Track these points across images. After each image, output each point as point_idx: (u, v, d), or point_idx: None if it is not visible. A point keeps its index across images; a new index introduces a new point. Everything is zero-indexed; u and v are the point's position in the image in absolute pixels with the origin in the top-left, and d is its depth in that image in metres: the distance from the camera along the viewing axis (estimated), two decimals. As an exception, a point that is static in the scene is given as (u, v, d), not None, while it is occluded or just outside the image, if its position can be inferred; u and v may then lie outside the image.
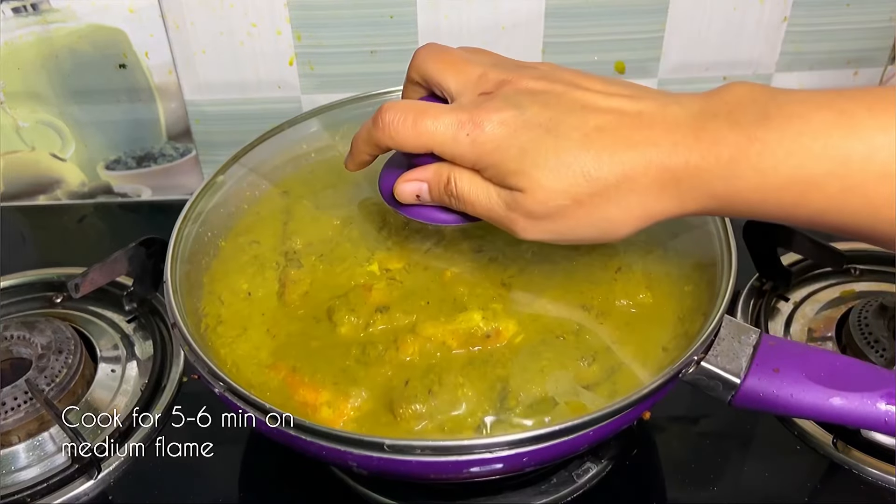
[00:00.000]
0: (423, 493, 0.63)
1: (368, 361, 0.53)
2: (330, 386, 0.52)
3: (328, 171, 0.69)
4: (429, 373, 0.52)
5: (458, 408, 0.51)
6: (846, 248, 0.74)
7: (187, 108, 0.90)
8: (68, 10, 0.82)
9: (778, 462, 0.64)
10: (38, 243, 0.94)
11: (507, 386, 0.52)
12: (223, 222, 0.65)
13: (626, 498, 0.62)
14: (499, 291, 0.57)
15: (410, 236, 0.61)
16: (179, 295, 0.57)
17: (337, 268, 0.60)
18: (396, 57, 0.87)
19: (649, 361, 0.54)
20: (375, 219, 0.63)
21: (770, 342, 0.54)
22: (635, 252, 0.60)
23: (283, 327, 0.57)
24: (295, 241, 0.63)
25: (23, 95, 0.88)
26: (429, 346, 0.54)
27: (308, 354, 0.55)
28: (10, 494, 0.61)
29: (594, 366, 0.53)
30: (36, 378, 0.66)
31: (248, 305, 0.59)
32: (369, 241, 0.62)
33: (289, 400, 0.53)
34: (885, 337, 0.68)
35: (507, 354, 0.53)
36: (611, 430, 0.49)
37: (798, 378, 0.51)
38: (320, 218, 0.65)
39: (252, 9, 0.83)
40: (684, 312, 0.57)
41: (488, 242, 0.60)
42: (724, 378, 0.52)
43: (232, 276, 0.61)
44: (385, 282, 0.58)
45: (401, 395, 0.51)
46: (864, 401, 0.50)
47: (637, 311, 0.57)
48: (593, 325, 0.56)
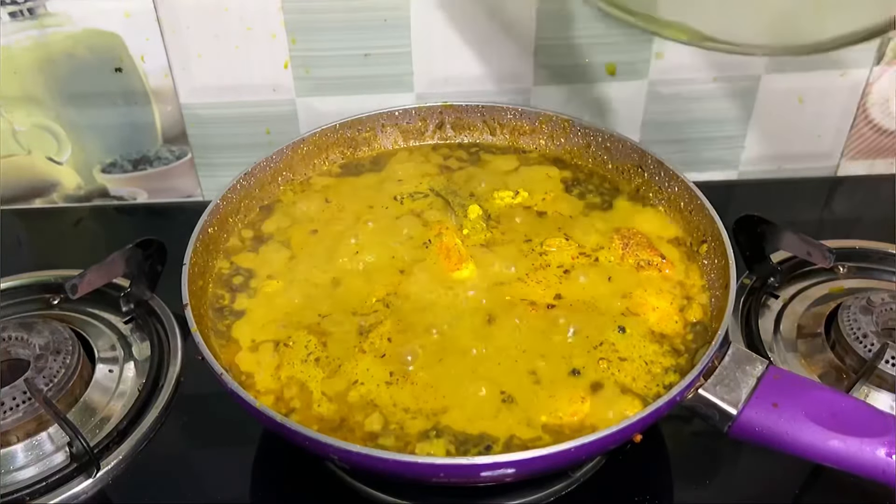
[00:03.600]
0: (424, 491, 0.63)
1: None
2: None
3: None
4: None
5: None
6: (835, 246, 0.75)
7: (183, 111, 0.91)
8: (65, 14, 0.83)
9: (771, 458, 0.64)
10: (35, 246, 0.95)
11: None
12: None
13: (619, 493, 0.63)
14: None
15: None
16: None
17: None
18: (390, 60, 0.88)
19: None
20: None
21: (775, 375, 0.53)
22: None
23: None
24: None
25: (19, 99, 0.88)
26: None
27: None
28: (8, 494, 0.61)
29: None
30: (34, 378, 0.67)
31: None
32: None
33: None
34: (873, 332, 0.69)
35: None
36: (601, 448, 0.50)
37: (796, 415, 0.50)
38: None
39: (247, 13, 0.84)
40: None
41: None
42: (721, 408, 0.52)
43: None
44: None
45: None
46: (863, 447, 0.49)
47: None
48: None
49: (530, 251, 0.69)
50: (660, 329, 0.61)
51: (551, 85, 0.92)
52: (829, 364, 0.71)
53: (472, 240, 0.70)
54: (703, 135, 0.97)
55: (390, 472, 0.51)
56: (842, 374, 0.70)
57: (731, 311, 0.57)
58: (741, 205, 0.93)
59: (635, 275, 0.66)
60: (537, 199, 0.75)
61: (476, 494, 0.63)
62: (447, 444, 0.53)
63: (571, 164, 0.80)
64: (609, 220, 0.72)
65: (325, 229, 0.72)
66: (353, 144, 0.81)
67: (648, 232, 0.70)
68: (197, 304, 0.62)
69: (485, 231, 0.71)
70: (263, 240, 0.71)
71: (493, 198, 0.74)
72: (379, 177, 0.79)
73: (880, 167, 1.02)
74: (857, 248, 0.84)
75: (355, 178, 0.79)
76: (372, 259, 0.68)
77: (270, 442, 0.64)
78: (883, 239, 0.84)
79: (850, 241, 0.84)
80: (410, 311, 0.62)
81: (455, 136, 0.83)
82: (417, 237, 0.70)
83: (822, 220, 0.97)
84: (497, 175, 0.78)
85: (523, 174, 0.78)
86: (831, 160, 1.01)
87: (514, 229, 0.71)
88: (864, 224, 0.94)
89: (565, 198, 0.75)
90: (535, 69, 0.90)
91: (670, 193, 0.72)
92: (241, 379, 0.58)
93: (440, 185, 0.77)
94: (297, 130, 0.92)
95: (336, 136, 0.80)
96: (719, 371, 0.53)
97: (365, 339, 0.60)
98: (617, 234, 0.70)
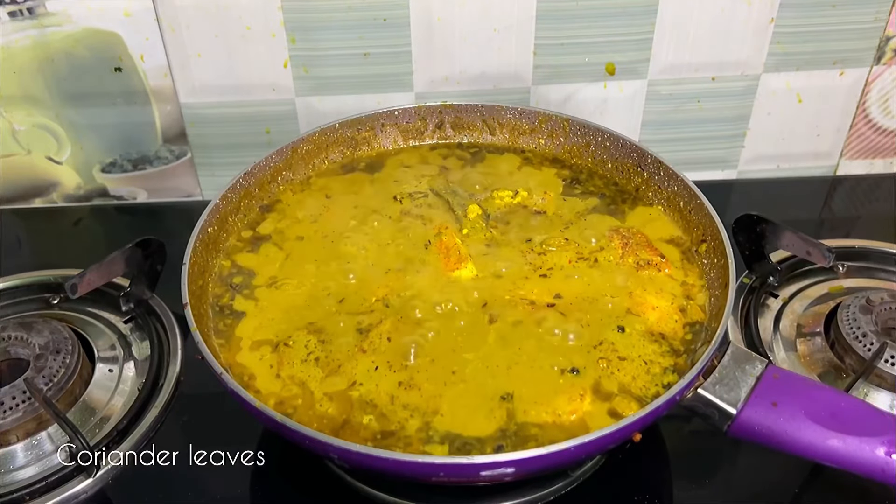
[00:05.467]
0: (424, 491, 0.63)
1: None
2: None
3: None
4: None
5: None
6: (834, 246, 0.75)
7: (182, 110, 0.91)
8: (64, 13, 0.83)
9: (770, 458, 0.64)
10: (35, 246, 0.95)
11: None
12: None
13: (618, 491, 0.63)
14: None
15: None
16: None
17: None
18: (390, 59, 0.88)
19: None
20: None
21: (775, 374, 0.53)
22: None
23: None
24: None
25: (19, 99, 0.88)
26: None
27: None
28: (8, 493, 0.61)
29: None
30: (34, 378, 0.67)
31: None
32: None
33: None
34: (873, 331, 0.69)
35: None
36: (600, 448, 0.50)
37: (796, 414, 0.50)
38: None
39: (246, 12, 0.84)
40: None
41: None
42: (721, 407, 0.52)
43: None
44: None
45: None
46: (862, 446, 0.48)
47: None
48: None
49: (529, 251, 0.69)
50: (659, 329, 0.61)
51: (551, 85, 0.92)
52: (828, 363, 0.71)
53: (472, 240, 0.70)
54: (702, 134, 0.97)
55: (390, 472, 0.51)
56: (841, 373, 0.70)
57: (730, 311, 0.57)
58: (740, 204, 0.94)
59: (635, 274, 0.66)
60: (537, 199, 0.75)
61: (476, 494, 0.63)
62: (447, 443, 0.53)
63: (571, 164, 0.80)
64: (608, 219, 0.72)
65: (324, 229, 0.72)
66: (353, 144, 0.81)
67: (648, 231, 0.71)
68: (197, 304, 0.62)
69: (484, 231, 0.71)
70: (263, 239, 0.71)
71: (493, 197, 0.74)
72: (379, 176, 0.79)
73: (879, 166, 1.02)
74: (856, 247, 0.84)
75: (355, 178, 0.79)
76: (372, 259, 0.68)
77: (270, 442, 0.64)
78: (882, 238, 0.85)
79: (850, 241, 0.84)
80: (410, 310, 0.62)
81: (455, 135, 0.83)
82: (417, 237, 0.70)
83: (822, 219, 0.97)
84: (496, 175, 0.78)
85: (523, 174, 0.78)
86: (831, 159, 1.01)
87: (514, 229, 0.71)
88: (863, 223, 0.94)
89: (565, 197, 0.75)
90: (535, 69, 0.90)
91: (670, 193, 0.72)
92: (241, 379, 0.58)
93: (440, 184, 0.77)
94: (296, 130, 0.92)
95: (336, 136, 0.80)
96: (719, 370, 0.53)
97: (365, 338, 0.60)
98: (616, 234, 0.70)
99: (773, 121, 0.96)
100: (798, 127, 0.97)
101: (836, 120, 0.97)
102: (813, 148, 1.00)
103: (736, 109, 0.95)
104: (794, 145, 0.99)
